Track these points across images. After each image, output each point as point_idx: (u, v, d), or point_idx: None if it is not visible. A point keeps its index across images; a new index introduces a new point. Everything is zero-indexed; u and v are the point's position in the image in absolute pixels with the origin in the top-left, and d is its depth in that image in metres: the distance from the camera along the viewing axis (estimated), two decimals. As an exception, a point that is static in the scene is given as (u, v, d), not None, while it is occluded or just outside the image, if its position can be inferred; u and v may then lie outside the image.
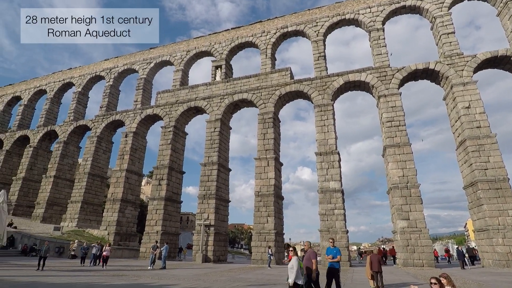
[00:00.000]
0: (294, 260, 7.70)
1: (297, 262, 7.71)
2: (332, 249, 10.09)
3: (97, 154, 39.21)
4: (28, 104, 50.38)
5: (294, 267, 7.59)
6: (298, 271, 7.52)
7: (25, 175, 41.88)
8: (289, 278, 7.58)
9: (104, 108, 41.68)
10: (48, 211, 38.16)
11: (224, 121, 33.63)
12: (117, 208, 33.22)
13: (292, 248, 8.31)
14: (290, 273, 7.64)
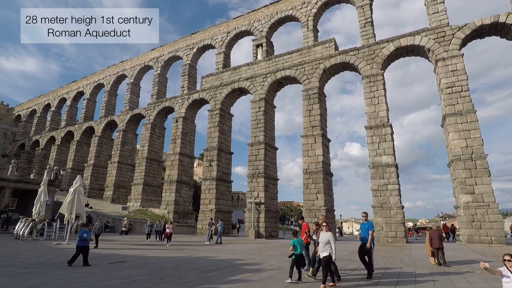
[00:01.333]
0: (330, 235, 7.65)
1: (333, 237, 7.69)
2: (365, 224, 9.27)
3: (152, 139, 42.09)
4: (90, 97, 55.45)
5: (332, 242, 7.54)
6: (335, 247, 7.54)
7: (94, 162, 46.86)
8: (321, 252, 7.55)
9: (155, 96, 44.15)
10: (116, 193, 42.53)
11: (268, 100, 33.51)
12: (173, 189, 35.72)
13: (326, 224, 8.16)
14: (321, 247, 7.62)
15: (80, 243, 10.30)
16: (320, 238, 7.82)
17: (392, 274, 9.45)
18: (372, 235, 8.95)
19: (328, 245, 7.51)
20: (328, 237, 7.61)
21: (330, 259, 7.37)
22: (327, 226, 7.96)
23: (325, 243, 7.56)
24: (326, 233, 7.73)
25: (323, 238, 7.65)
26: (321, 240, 7.66)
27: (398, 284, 8.00)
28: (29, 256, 12.23)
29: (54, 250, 14.32)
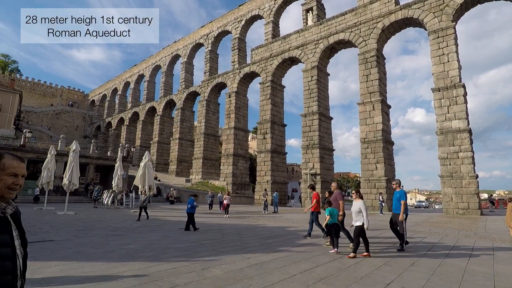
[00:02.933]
0: (361, 203, 7.28)
1: (364, 206, 7.28)
2: (396, 193, 8.34)
3: (208, 115, 43.87)
4: (149, 79, 59.31)
5: (363, 210, 7.15)
6: (367, 215, 7.17)
7: (158, 139, 50.94)
8: (354, 222, 7.24)
9: (207, 73, 45.35)
10: (179, 166, 46.03)
11: (321, 68, 32.03)
12: (230, 162, 37.28)
13: (357, 191, 7.75)
14: (354, 216, 7.28)
15: (190, 210, 11.64)
16: (352, 207, 7.50)
17: (463, 248, 8.77)
18: (404, 205, 8.08)
19: (360, 214, 7.20)
20: (359, 206, 7.26)
21: (362, 229, 7.10)
22: (357, 194, 7.59)
23: (357, 212, 7.26)
24: (357, 202, 7.40)
25: (355, 207, 7.33)
26: (353, 209, 7.37)
27: (472, 256, 7.41)
28: (113, 221, 14.12)
29: (132, 217, 16.27)
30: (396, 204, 8.20)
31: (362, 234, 7.15)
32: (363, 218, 7.09)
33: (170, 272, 5.41)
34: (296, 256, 7.10)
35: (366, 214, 7.13)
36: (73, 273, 5.34)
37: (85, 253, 7.06)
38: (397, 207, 8.17)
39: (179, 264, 6.09)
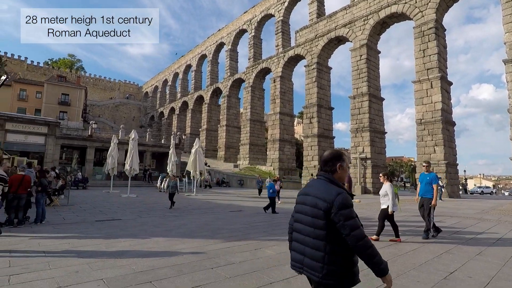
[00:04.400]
0: (387, 186, 6.96)
1: (391, 189, 6.93)
2: (425, 175, 7.53)
3: (253, 102, 44.19)
4: (196, 69, 61.31)
5: (389, 194, 6.86)
6: (394, 198, 6.87)
7: (206, 127, 52.92)
8: (381, 205, 7.03)
9: (251, 59, 45.37)
10: (227, 152, 47.49)
11: (371, 46, 30.04)
12: (277, 147, 37.39)
13: (384, 173, 7.41)
14: (380, 199, 7.06)
15: (271, 194, 12.29)
16: (380, 190, 7.27)
17: None
18: (437, 189, 7.30)
19: (386, 197, 6.96)
20: (385, 189, 7.01)
21: (387, 212, 6.87)
22: (385, 177, 7.25)
23: (383, 195, 7.04)
24: (385, 185, 7.11)
25: (382, 190, 7.12)
26: (380, 192, 7.18)
27: None
28: (170, 203, 15.18)
29: (186, 200, 17.34)
30: (426, 188, 7.48)
31: (388, 218, 6.96)
32: (389, 202, 6.89)
33: (225, 251, 5.70)
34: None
35: (392, 198, 6.88)
36: (139, 248, 5.91)
37: (148, 231, 7.74)
38: (426, 191, 7.48)
39: (233, 243, 6.38)
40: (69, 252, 5.47)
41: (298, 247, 2.05)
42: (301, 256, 2.01)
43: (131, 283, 3.90)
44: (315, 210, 1.96)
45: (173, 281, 3.98)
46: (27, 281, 3.95)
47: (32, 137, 28.08)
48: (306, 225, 2.01)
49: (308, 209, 2.01)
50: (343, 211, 1.87)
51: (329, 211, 1.89)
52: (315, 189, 2.06)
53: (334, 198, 1.89)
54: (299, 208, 2.13)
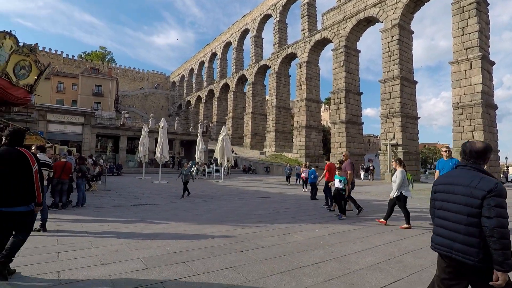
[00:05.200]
0: (398, 172, 6.89)
1: (401, 175, 6.83)
2: (447, 161, 6.86)
3: (279, 88, 43.73)
4: (221, 57, 61.42)
5: (397, 180, 6.80)
6: (399, 184, 6.79)
7: (232, 114, 53.32)
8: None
9: (277, 44, 44.62)
10: (253, 140, 47.73)
11: (403, 26, 28.40)
12: (303, 134, 36.98)
13: (397, 159, 7.29)
14: (393, 185, 6.97)
15: (312, 180, 12.50)
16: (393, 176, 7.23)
17: None
18: None
19: (395, 184, 6.91)
20: (395, 175, 6.95)
21: (399, 199, 6.86)
22: (397, 162, 7.15)
23: (394, 181, 6.99)
24: (397, 171, 7.02)
25: (393, 176, 7.10)
26: (392, 178, 7.17)
27: None
28: (199, 190, 15.65)
29: (214, 186, 17.78)
30: None
31: (400, 204, 6.88)
32: (394, 187, 6.87)
33: (254, 235, 5.81)
34: (379, 227, 6.83)
35: (398, 183, 6.79)
36: (172, 230, 6.18)
37: (180, 215, 8.06)
38: None
39: (261, 228, 6.48)
40: (108, 233, 5.84)
41: (445, 233, 2.19)
42: (449, 241, 2.15)
43: (166, 262, 4.10)
44: (469, 199, 2.07)
45: (205, 262, 4.13)
46: (74, 258, 4.28)
47: (70, 127, 29.87)
48: (456, 212, 2.14)
49: (459, 198, 2.14)
50: (497, 198, 1.97)
51: (485, 198, 2.01)
52: (467, 179, 2.15)
53: (493, 187, 2.00)
54: (443, 197, 2.27)
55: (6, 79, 12.33)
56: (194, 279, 3.54)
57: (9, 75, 12.33)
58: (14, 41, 12.03)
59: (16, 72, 12.71)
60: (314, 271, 3.90)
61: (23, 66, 13.03)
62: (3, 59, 11.85)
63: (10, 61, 12.32)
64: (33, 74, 13.56)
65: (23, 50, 12.80)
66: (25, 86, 13.43)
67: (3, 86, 12.18)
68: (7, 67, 12.36)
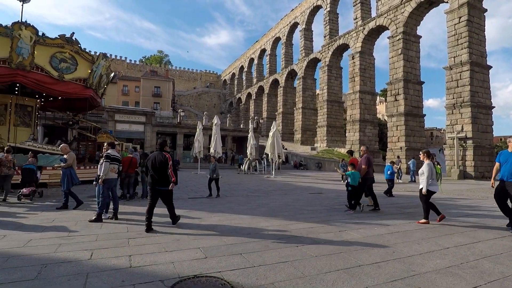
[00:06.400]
0: (425, 165, 6.50)
1: (428, 167, 6.38)
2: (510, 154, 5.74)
3: (330, 82, 42.33)
4: (271, 52, 61.45)
5: (425, 173, 6.39)
6: (428, 178, 6.35)
7: (282, 110, 53.16)
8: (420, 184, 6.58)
9: (327, 36, 43.13)
10: (304, 135, 47.05)
11: (473, 4, 25.27)
12: (357, 128, 35.33)
13: (425, 152, 6.81)
14: (420, 179, 6.59)
15: (389, 177, 12.50)
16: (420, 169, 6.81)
17: None
18: None
19: (423, 176, 6.47)
20: (422, 167, 6.57)
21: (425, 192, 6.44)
22: (425, 155, 6.75)
23: (421, 174, 6.60)
24: (424, 163, 6.62)
25: (420, 170, 6.69)
26: (419, 171, 6.78)
27: None
28: (251, 184, 15.97)
29: (266, 181, 17.94)
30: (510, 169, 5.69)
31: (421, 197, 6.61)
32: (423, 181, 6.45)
33: (308, 231, 5.72)
34: (447, 228, 6.21)
35: (427, 176, 6.37)
36: (228, 223, 6.39)
37: (234, 209, 8.30)
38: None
39: (315, 224, 6.36)
40: (170, 223, 6.25)
41: None
42: None
43: (224, 253, 4.25)
44: None
45: (261, 255, 4.18)
46: (141, 244, 4.67)
47: (134, 125, 32.72)
48: None
49: None
50: None
51: None
52: None
53: None
54: None
55: (45, 74, 12.58)
56: (250, 270, 3.61)
57: (46, 69, 12.55)
58: (32, 31, 11.83)
59: (55, 66, 12.94)
60: (374, 270, 3.69)
61: (63, 58, 13.12)
62: (26, 51, 11.85)
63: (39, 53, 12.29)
64: (83, 67, 13.74)
65: (55, 41, 12.66)
66: (76, 80, 13.98)
67: (43, 81, 12.73)
68: (39, 60, 12.31)
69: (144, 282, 3.22)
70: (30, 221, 6.35)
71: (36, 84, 12.66)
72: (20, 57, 11.77)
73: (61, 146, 8.78)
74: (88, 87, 14.34)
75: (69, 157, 7.99)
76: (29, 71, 12.16)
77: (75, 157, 8.34)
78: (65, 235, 5.19)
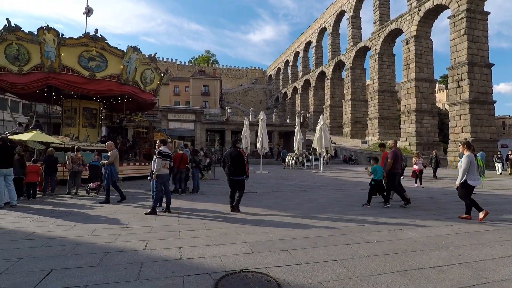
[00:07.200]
0: (464, 157, 6.14)
1: (467, 159, 6.00)
2: None
3: (381, 70, 39.76)
4: (316, 44, 59.70)
5: (463, 165, 6.04)
6: (465, 171, 5.99)
7: (330, 103, 51.45)
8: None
9: (377, 22, 40.47)
10: (353, 128, 45.03)
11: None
12: (413, 119, 32.72)
13: (465, 143, 6.49)
14: (459, 173, 6.17)
15: None
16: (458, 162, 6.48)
17: None
18: None
19: (460, 170, 6.13)
20: (461, 160, 6.22)
21: (465, 187, 6.07)
22: (464, 146, 6.41)
23: (459, 167, 6.27)
24: (463, 155, 6.26)
25: (459, 162, 6.38)
26: (458, 164, 6.48)
27: None
28: (298, 179, 15.72)
29: (314, 177, 17.53)
30: None
31: (459, 193, 6.27)
32: (459, 174, 6.11)
33: (360, 228, 5.41)
34: (526, 230, 5.39)
35: (463, 169, 6.01)
36: (275, 218, 6.33)
37: (281, 204, 8.21)
38: None
39: (367, 221, 5.99)
40: (218, 217, 6.40)
41: None
42: None
43: (270, 249, 4.19)
44: None
45: (308, 252, 4.04)
46: (191, 237, 4.84)
47: (185, 124, 34.39)
48: None
49: None
50: None
51: None
52: None
53: None
54: None
55: (76, 74, 13.06)
56: (297, 268, 3.49)
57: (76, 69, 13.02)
58: (54, 33, 12.36)
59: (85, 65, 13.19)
60: (437, 275, 3.32)
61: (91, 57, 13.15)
62: (52, 54, 12.44)
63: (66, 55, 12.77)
64: (114, 63, 13.82)
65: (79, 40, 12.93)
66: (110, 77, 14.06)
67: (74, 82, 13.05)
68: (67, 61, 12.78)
69: (193, 274, 3.31)
70: (96, 212, 7.00)
71: (67, 85, 13.19)
72: (49, 61, 12.49)
73: (107, 143, 9.24)
74: (123, 84, 14.23)
75: (111, 155, 8.44)
76: (59, 73, 12.75)
77: (117, 155, 8.73)
78: (124, 226, 5.61)
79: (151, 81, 16.22)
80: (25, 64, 12.96)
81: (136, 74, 14.88)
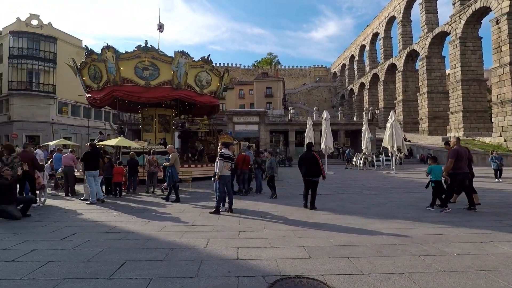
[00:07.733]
0: None
1: None
2: None
3: (464, 57, 34.88)
4: (385, 35, 55.37)
5: None
6: None
7: (402, 97, 47.17)
8: None
9: (457, 3, 35.64)
10: (431, 124, 40.45)
11: None
12: (508, 111, 27.85)
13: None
14: None
15: None
16: None
17: None
18: None
19: None
20: None
21: None
22: None
23: None
24: None
25: None
26: None
27: None
28: (367, 181, 14.73)
29: (385, 178, 16.23)
30: None
31: None
32: None
33: (435, 238, 4.77)
34: None
35: None
36: (337, 222, 6.01)
37: (346, 207, 7.79)
38: None
39: (445, 230, 5.26)
40: (278, 218, 6.36)
41: None
42: None
43: (329, 255, 3.98)
44: None
45: (371, 262, 3.72)
46: (250, 238, 4.90)
47: (250, 126, 35.36)
48: None
49: None
50: None
51: None
52: None
53: None
54: None
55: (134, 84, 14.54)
56: (357, 278, 3.23)
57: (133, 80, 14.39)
58: (112, 50, 13.85)
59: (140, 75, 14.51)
60: (538, 300, 2.72)
61: (145, 67, 14.33)
62: (113, 69, 13.97)
63: (124, 68, 14.20)
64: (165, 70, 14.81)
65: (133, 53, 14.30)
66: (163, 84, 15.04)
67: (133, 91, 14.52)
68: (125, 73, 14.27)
69: (248, 275, 3.33)
70: (167, 210, 7.63)
71: (127, 94, 14.67)
72: (111, 75, 14.06)
73: (168, 146, 10.11)
74: (175, 89, 14.95)
75: (172, 157, 9.33)
76: (121, 85, 14.25)
77: (177, 157, 9.53)
78: (189, 224, 5.98)
79: (208, 83, 16.52)
80: (100, 81, 15.08)
81: (188, 78, 15.45)
